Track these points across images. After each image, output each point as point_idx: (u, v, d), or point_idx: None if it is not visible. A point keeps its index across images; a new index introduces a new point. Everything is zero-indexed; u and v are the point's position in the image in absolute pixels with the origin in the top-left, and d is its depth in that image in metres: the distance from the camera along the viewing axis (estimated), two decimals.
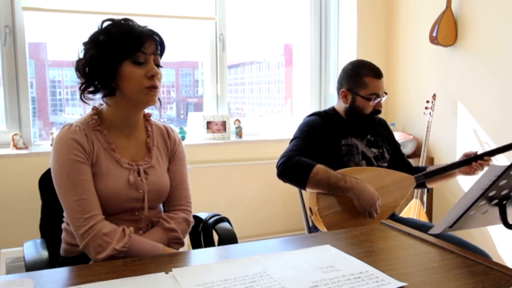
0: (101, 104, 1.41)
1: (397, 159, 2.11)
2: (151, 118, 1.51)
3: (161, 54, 1.38)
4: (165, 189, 1.45)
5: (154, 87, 1.32)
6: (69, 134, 1.31)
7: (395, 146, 2.16)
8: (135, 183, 1.36)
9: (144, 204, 1.38)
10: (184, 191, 1.49)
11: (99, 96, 1.37)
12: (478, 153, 1.93)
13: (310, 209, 1.87)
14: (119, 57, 1.28)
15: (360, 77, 1.93)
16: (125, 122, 1.39)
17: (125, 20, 1.33)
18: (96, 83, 1.32)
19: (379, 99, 1.94)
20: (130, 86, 1.30)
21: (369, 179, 1.81)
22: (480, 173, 1.89)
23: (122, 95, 1.33)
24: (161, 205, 1.52)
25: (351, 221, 1.80)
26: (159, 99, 1.44)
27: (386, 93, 1.97)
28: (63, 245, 1.43)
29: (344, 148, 1.94)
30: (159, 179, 1.42)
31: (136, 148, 1.42)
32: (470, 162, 1.91)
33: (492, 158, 1.94)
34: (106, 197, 1.32)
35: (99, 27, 1.33)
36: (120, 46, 1.28)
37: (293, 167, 1.78)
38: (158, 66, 1.35)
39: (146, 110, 1.47)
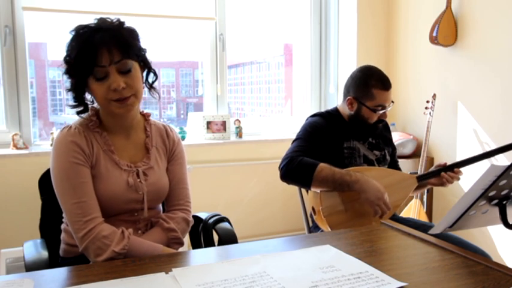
0: None
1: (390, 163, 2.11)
2: (151, 118, 1.50)
3: (129, 55, 1.28)
4: (164, 189, 1.45)
5: (121, 99, 1.28)
6: (68, 137, 1.31)
7: (393, 148, 2.15)
8: (134, 185, 1.36)
9: (143, 205, 1.38)
10: (184, 190, 1.49)
11: None
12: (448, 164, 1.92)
13: (313, 209, 1.87)
14: (82, 77, 1.28)
15: (368, 87, 1.88)
16: (120, 125, 1.39)
17: (86, 27, 1.28)
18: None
19: (384, 110, 1.92)
20: (99, 100, 1.31)
21: (372, 179, 1.81)
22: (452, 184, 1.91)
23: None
24: (160, 205, 1.52)
25: (355, 221, 1.80)
26: (156, 90, 1.43)
27: (393, 102, 1.95)
28: (62, 246, 1.43)
29: (346, 151, 1.93)
30: (158, 179, 1.42)
31: (135, 149, 1.42)
32: (439, 173, 1.91)
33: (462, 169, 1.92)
34: (105, 199, 1.32)
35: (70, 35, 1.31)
36: (79, 66, 1.26)
37: (296, 168, 1.77)
38: (127, 72, 1.28)
39: (148, 109, 1.47)
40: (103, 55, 1.24)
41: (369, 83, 1.89)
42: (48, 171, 1.58)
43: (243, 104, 3.85)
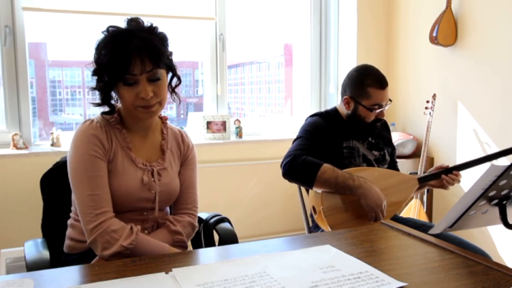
0: None
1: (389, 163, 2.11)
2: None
3: (160, 64, 1.30)
4: (175, 191, 1.47)
5: (147, 107, 1.32)
6: (90, 130, 1.33)
7: (392, 149, 2.15)
8: (148, 183, 1.38)
9: (154, 204, 1.40)
10: (192, 195, 1.51)
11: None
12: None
13: (314, 208, 1.87)
14: (111, 81, 1.30)
15: (364, 86, 1.89)
16: (139, 125, 1.42)
17: (120, 32, 1.29)
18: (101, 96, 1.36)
19: (381, 109, 1.92)
20: (125, 104, 1.34)
21: (374, 180, 1.80)
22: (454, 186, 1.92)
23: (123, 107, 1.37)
24: (168, 208, 1.54)
25: (355, 221, 1.80)
26: (177, 95, 1.46)
27: (390, 100, 1.95)
28: (67, 242, 1.44)
29: (345, 151, 1.93)
30: (171, 181, 1.45)
31: (151, 149, 1.44)
32: (440, 175, 1.92)
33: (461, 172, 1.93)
34: (118, 195, 1.34)
35: (101, 35, 1.31)
36: (110, 71, 1.28)
37: (300, 166, 1.77)
38: (156, 80, 1.31)
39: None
40: (135, 64, 1.26)
41: (365, 82, 1.90)
42: (49, 171, 1.59)
43: (243, 104, 3.85)
